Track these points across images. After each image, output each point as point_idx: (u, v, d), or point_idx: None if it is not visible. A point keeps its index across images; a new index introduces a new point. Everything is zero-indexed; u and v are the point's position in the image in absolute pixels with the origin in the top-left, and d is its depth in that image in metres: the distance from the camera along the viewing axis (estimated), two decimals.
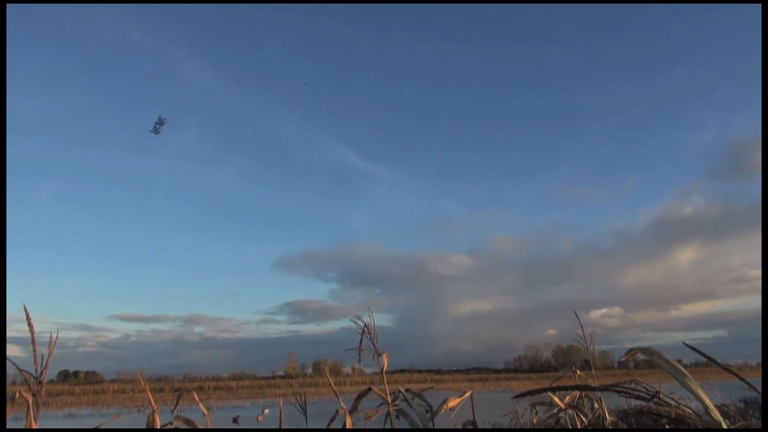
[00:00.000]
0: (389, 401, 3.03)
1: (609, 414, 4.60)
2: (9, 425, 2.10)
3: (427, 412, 3.14)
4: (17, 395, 1.91)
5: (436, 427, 3.20)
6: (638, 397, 2.04)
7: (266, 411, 23.35)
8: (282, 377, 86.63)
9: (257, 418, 21.71)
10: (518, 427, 7.92)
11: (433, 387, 3.79)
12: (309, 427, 3.45)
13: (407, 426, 3.19)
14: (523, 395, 2.02)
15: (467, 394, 3.28)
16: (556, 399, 3.78)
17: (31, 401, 1.91)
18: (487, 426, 8.55)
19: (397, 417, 3.31)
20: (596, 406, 4.61)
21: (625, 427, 4.32)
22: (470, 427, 3.26)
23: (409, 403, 3.02)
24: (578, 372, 5.22)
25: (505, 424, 9.18)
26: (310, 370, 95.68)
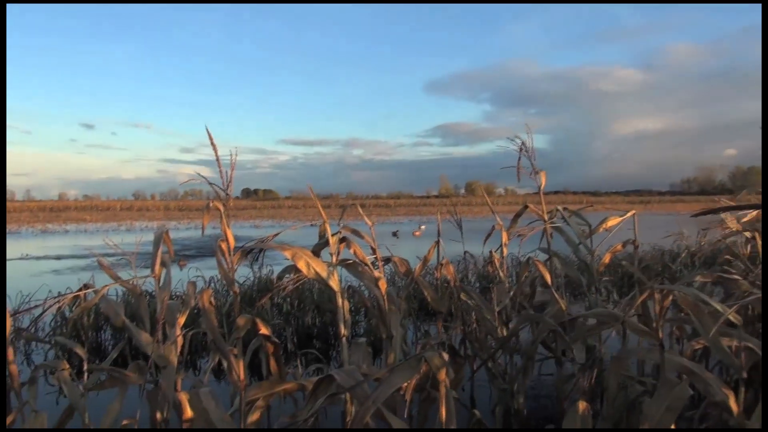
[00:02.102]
0: (546, 219, 3.03)
1: None
2: (207, 232, 2.45)
3: (583, 231, 3.10)
4: (211, 205, 2.22)
5: (593, 246, 3.18)
6: None
7: (423, 227, 24.91)
8: (436, 197, 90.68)
9: (414, 233, 23.31)
10: (682, 248, 7.62)
11: (592, 206, 3.70)
12: (465, 241, 3.61)
13: (563, 243, 3.20)
14: (703, 213, 1.87)
15: (630, 214, 3.15)
16: (732, 221, 3.49)
17: (222, 209, 2.20)
18: (646, 245, 8.32)
19: (552, 236, 3.33)
20: None
21: None
22: (632, 244, 3.18)
23: (566, 221, 3.00)
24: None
25: (667, 246, 8.88)
26: (463, 191, 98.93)
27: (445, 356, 1.75)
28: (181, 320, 2.19)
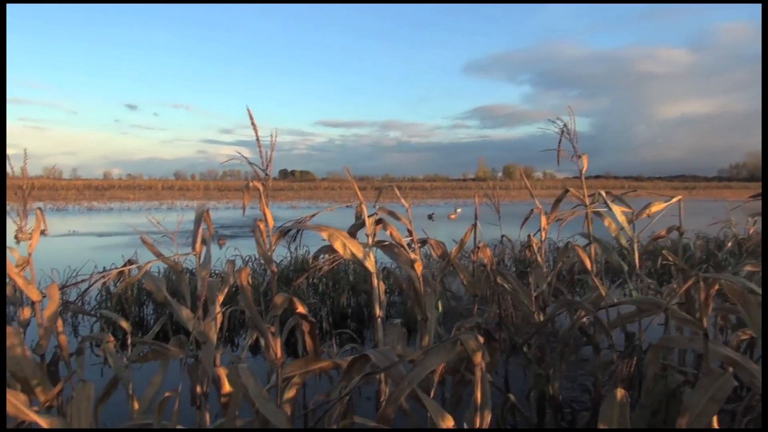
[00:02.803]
0: (587, 203, 2.96)
1: None
2: (248, 212, 2.49)
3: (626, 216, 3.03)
4: (251, 184, 2.25)
5: (635, 232, 3.10)
6: None
7: (459, 210, 24.79)
8: (473, 180, 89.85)
9: (449, 216, 23.20)
10: (730, 236, 7.34)
11: (635, 191, 3.60)
12: (502, 225, 3.57)
13: (604, 228, 3.14)
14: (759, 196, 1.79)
15: (675, 199, 3.06)
16: None
17: (261, 189, 2.23)
18: (691, 233, 8.06)
19: (592, 221, 3.26)
20: None
21: None
22: (676, 230, 3.09)
23: (608, 206, 2.93)
24: None
25: (713, 233, 8.57)
26: (500, 174, 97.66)
27: (481, 339, 1.74)
28: (221, 298, 2.24)
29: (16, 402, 1.64)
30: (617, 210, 2.86)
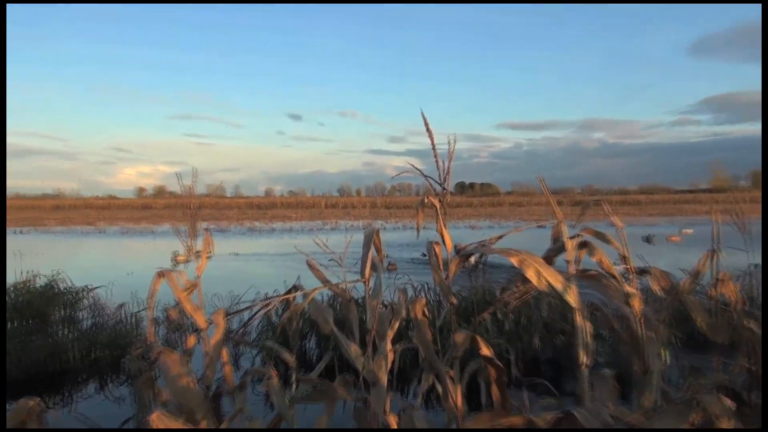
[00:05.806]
0: None
1: None
2: (423, 233, 2.53)
3: None
4: (426, 200, 2.30)
5: None
6: None
7: (687, 231, 22.96)
8: (705, 191, 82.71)
9: (670, 238, 21.59)
10: None
11: None
12: (752, 251, 3.22)
13: None
14: None
15: None
16: None
17: (438, 206, 2.26)
18: None
19: None
20: None
21: None
22: None
23: None
24: None
25: None
26: (744, 183, 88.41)
27: (728, 402, 1.57)
28: (391, 333, 2.31)
29: None
30: None
